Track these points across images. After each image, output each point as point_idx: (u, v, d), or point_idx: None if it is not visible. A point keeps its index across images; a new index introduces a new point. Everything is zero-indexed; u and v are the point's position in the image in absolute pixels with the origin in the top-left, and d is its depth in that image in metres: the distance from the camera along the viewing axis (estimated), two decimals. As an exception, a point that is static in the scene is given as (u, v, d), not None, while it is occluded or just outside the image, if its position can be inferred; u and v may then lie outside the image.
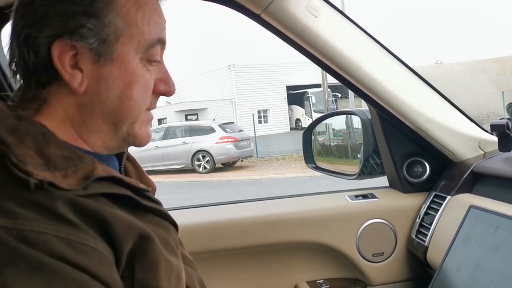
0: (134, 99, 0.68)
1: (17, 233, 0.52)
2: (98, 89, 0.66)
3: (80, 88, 0.65)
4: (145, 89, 0.70)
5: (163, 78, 0.73)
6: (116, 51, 0.66)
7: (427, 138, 1.33)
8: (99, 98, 0.67)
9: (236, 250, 1.36)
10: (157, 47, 0.70)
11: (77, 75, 0.65)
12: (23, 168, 0.56)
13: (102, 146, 0.70)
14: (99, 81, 0.66)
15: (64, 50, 0.64)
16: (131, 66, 0.67)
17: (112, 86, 0.67)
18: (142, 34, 0.68)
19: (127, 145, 0.74)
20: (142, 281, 0.61)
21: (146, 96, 0.70)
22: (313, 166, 1.71)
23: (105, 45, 0.65)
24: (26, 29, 0.64)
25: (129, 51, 0.67)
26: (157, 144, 14.03)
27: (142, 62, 0.69)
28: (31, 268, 0.51)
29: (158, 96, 0.74)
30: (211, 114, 23.00)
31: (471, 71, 17.69)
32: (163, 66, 0.74)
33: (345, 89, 18.62)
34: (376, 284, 1.40)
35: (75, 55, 0.65)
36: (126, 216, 0.62)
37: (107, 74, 0.66)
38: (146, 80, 0.70)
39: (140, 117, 0.71)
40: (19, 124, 0.61)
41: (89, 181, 0.60)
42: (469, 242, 1.00)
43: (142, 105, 0.70)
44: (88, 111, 0.67)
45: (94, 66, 0.66)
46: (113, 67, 0.66)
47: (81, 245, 0.55)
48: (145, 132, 0.73)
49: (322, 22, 1.17)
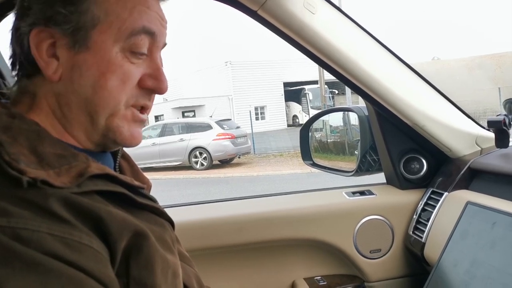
0: (108, 89, 0.66)
1: (10, 232, 0.52)
2: (72, 76, 0.66)
3: (54, 76, 0.65)
4: (123, 80, 0.67)
5: (153, 73, 0.70)
6: (92, 38, 0.65)
7: (424, 134, 1.33)
8: (73, 86, 0.66)
9: (233, 247, 1.36)
10: (141, 37, 0.67)
11: (52, 63, 0.65)
12: (16, 166, 0.55)
13: (87, 140, 0.69)
14: (73, 69, 0.65)
15: (41, 38, 0.64)
16: (107, 54, 0.65)
17: (86, 74, 0.65)
18: (123, 21, 0.66)
19: (111, 142, 0.70)
20: (137, 279, 0.61)
21: (125, 88, 0.67)
22: (310, 162, 1.71)
23: (80, 32, 0.65)
24: (17, 20, 0.66)
25: (107, 39, 0.65)
26: (154, 141, 14.01)
27: (124, 52, 0.67)
28: (25, 267, 0.51)
29: (148, 92, 0.71)
30: (208, 111, 22.99)
31: (467, 67, 17.73)
32: (154, 63, 0.71)
33: (342, 86, 18.60)
34: (374, 281, 1.40)
35: (53, 44, 0.65)
36: (120, 214, 0.62)
37: (81, 62, 0.65)
38: (126, 71, 0.67)
39: (119, 110, 0.68)
40: (12, 122, 0.61)
41: (83, 179, 0.60)
42: (466, 238, 1.01)
43: (118, 97, 0.67)
44: (64, 100, 0.67)
45: (69, 53, 0.65)
46: (88, 54, 0.65)
47: (75, 243, 0.55)
48: (128, 131, 0.69)
49: (319, 19, 1.16)
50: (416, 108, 1.28)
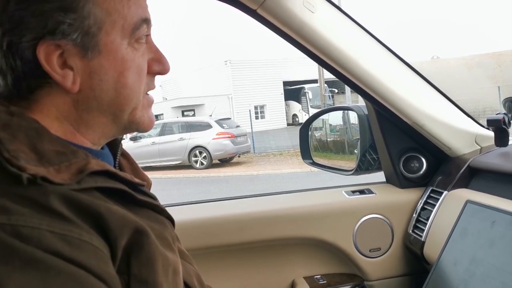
0: (130, 87, 0.67)
1: (10, 229, 0.52)
2: (92, 84, 0.65)
3: (74, 87, 0.64)
4: (139, 73, 0.68)
5: (156, 57, 0.72)
6: (101, 41, 0.64)
7: (423, 133, 1.33)
8: (94, 93, 0.66)
9: (233, 246, 1.36)
10: (143, 28, 0.68)
11: (68, 74, 0.64)
12: (15, 163, 0.55)
13: (102, 137, 0.70)
14: (91, 76, 0.65)
15: (49, 51, 0.62)
16: (120, 53, 0.66)
17: (105, 78, 0.65)
18: (125, 18, 0.66)
19: (129, 132, 0.74)
20: (139, 276, 0.60)
21: (141, 80, 0.69)
22: (310, 161, 1.71)
23: (89, 37, 0.64)
24: (7, 36, 0.61)
25: (115, 39, 0.65)
26: (154, 140, 14.01)
27: (131, 45, 0.67)
28: (25, 264, 0.51)
29: (154, 76, 0.73)
30: (208, 110, 22.96)
31: (467, 66, 17.73)
32: (153, 45, 0.72)
33: (342, 85, 18.62)
34: (373, 279, 1.40)
35: (61, 54, 0.63)
36: (120, 211, 0.61)
37: (97, 67, 0.65)
38: (138, 63, 0.68)
39: (139, 102, 0.70)
40: (11, 119, 0.61)
41: (83, 175, 0.59)
42: (466, 237, 1.01)
43: (139, 90, 0.69)
44: (85, 106, 0.66)
45: (83, 61, 0.64)
46: (102, 58, 0.65)
47: (75, 240, 0.54)
48: (148, 117, 0.72)
49: (319, 18, 1.16)
50: (415, 107, 1.28)
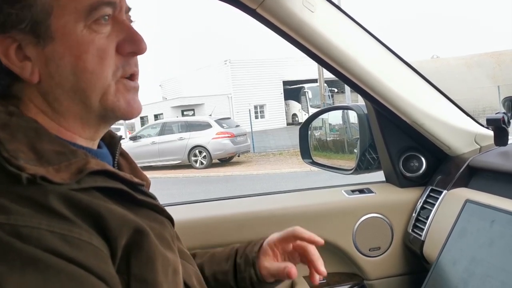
0: (90, 70, 0.64)
1: (10, 229, 0.52)
2: (50, 71, 0.64)
3: (32, 77, 0.64)
4: (100, 55, 0.64)
5: (128, 37, 0.67)
6: (52, 27, 0.63)
7: (423, 132, 1.33)
8: (54, 81, 0.64)
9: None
10: (102, 9, 0.64)
11: (26, 66, 0.63)
12: (15, 162, 0.55)
13: (85, 129, 0.68)
14: (47, 63, 0.64)
15: (6, 45, 0.62)
16: (74, 36, 0.63)
17: (62, 63, 0.64)
18: (77, 0, 0.63)
19: (110, 120, 0.70)
20: (138, 276, 0.61)
21: (105, 63, 0.65)
22: (309, 161, 1.71)
23: (38, 25, 0.62)
24: None
25: (67, 22, 0.63)
26: (153, 139, 14.01)
27: (88, 27, 0.64)
28: (25, 264, 0.51)
29: (130, 57, 0.69)
30: (207, 110, 22.95)
31: (467, 65, 17.73)
32: (124, 25, 0.68)
33: (342, 84, 18.61)
34: (373, 279, 1.40)
35: (19, 46, 0.63)
36: (120, 210, 0.62)
37: (52, 54, 0.63)
38: (99, 45, 0.64)
39: (109, 87, 0.66)
40: (10, 119, 0.61)
41: (82, 175, 0.59)
42: (465, 236, 1.01)
43: (103, 73, 0.65)
44: (52, 97, 0.65)
45: (37, 49, 0.63)
46: (56, 44, 0.63)
47: (75, 240, 0.55)
48: (124, 102, 0.67)
49: (318, 17, 1.16)
50: (415, 106, 1.28)
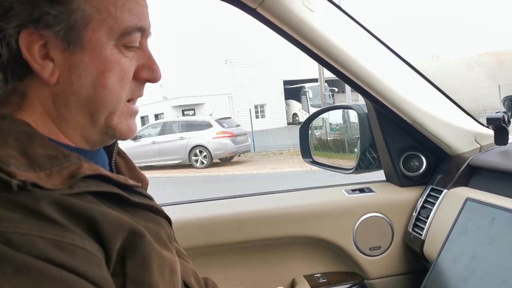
0: (109, 88, 0.65)
1: (0, 236, 0.51)
2: (70, 78, 0.64)
3: (51, 78, 0.64)
4: (121, 77, 0.66)
5: (146, 64, 0.70)
6: (86, 37, 0.63)
7: (423, 132, 1.33)
8: (72, 88, 0.65)
9: (233, 245, 1.36)
10: (135, 35, 0.67)
11: (47, 65, 0.63)
12: (5, 169, 0.54)
13: (82, 139, 0.68)
14: (71, 70, 0.64)
15: (32, 40, 0.62)
16: (104, 52, 0.64)
17: (84, 74, 0.64)
18: (115, 20, 0.64)
19: (109, 138, 0.71)
20: (134, 277, 0.60)
21: (124, 85, 0.67)
22: (310, 160, 1.71)
23: (73, 32, 0.63)
24: None
25: (101, 37, 0.64)
26: (154, 139, 14.01)
27: (118, 48, 0.66)
28: (16, 271, 0.50)
29: (142, 83, 0.71)
30: (208, 109, 22.95)
31: (467, 65, 17.74)
32: (146, 52, 0.70)
33: (342, 84, 18.59)
34: (373, 278, 1.41)
35: (45, 44, 0.63)
36: (114, 213, 0.61)
37: (78, 62, 0.64)
38: (123, 67, 0.66)
39: (118, 108, 0.68)
40: (1, 123, 0.60)
41: (75, 180, 0.59)
42: (465, 234, 1.01)
43: (119, 94, 0.67)
44: (63, 102, 0.65)
45: (64, 54, 0.64)
46: (84, 54, 0.64)
47: (67, 245, 0.54)
48: (126, 126, 0.70)
49: (318, 16, 1.16)
50: (415, 106, 1.28)
